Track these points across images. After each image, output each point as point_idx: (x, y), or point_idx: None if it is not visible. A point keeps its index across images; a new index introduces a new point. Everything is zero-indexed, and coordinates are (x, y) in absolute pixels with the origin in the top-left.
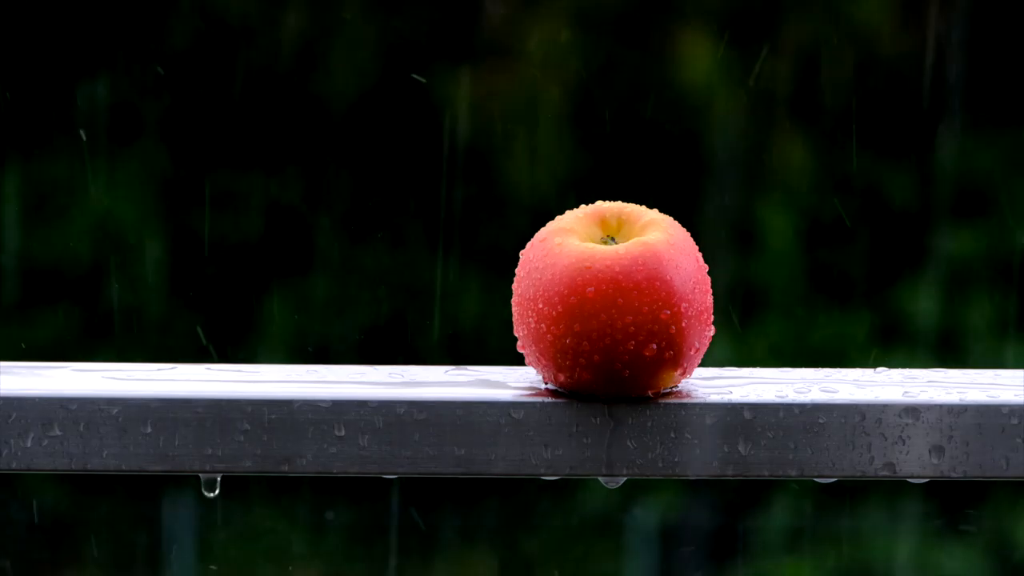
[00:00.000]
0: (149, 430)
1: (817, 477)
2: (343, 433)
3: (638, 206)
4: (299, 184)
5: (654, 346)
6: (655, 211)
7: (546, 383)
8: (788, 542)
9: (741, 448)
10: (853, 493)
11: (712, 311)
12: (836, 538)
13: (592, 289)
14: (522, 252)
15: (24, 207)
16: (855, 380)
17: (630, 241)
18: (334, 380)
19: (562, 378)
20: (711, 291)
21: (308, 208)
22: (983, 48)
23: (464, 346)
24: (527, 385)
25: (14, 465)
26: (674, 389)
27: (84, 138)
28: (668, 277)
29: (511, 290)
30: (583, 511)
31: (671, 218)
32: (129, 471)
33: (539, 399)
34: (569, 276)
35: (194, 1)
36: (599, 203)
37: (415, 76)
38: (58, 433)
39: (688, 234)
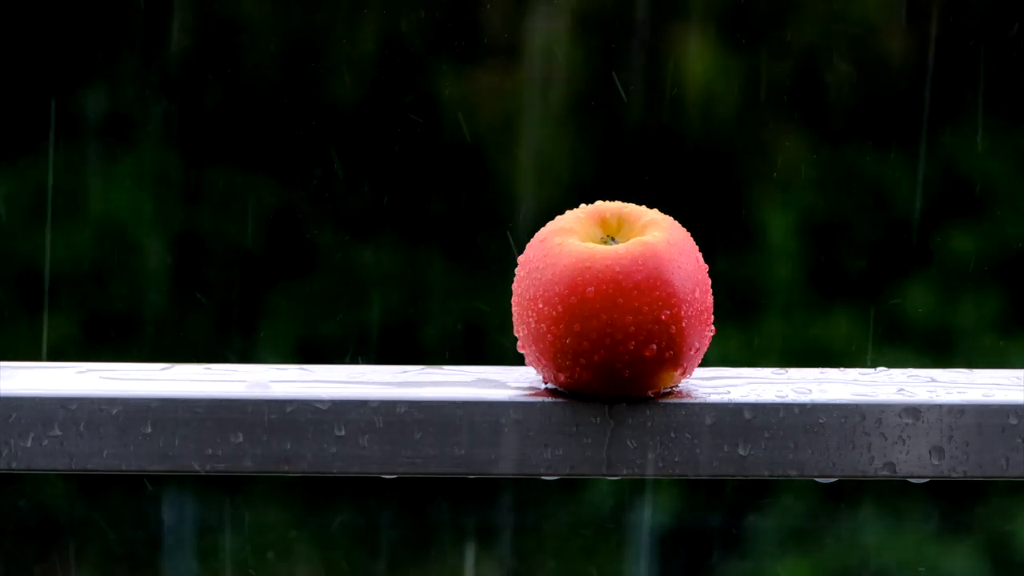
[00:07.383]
0: (149, 430)
1: (817, 477)
2: (343, 433)
3: (638, 206)
4: (300, 184)
5: (654, 346)
6: (655, 211)
7: (546, 383)
8: (788, 542)
9: (741, 448)
10: (853, 493)
11: (712, 311)
12: (836, 538)
13: (592, 289)
14: (522, 252)
15: (24, 208)
16: (855, 380)
17: (630, 241)
18: (334, 380)
19: (562, 378)
20: (711, 291)
21: (309, 208)
22: (984, 47)
23: (464, 346)
24: (527, 385)
25: (14, 465)
26: (674, 389)
27: (84, 139)
28: (668, 277)
29: (511, 290)
30: (583, 511)
31: (671, 218)
32: (129, 471)
33: (539, 399)
34: (569, 276)
35: (195, 1)
36: (599, 203)
37: (415, 76)
38: (58, 433)
39: (688, 234)
